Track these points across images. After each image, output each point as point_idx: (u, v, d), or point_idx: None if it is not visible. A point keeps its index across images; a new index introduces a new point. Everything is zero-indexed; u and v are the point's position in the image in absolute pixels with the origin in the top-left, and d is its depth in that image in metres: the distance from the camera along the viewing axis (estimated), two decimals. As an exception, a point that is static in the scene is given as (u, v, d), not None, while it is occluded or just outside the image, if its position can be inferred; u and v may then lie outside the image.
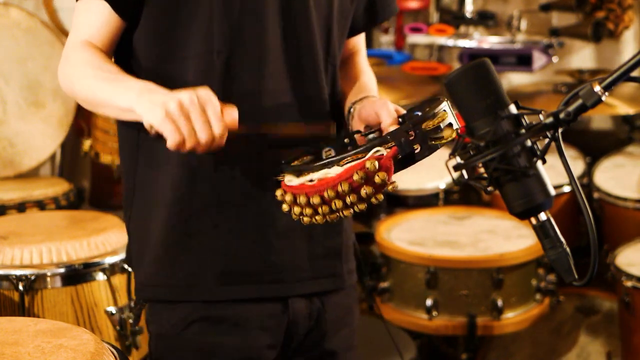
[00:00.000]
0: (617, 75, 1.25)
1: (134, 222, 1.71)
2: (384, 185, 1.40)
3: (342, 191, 1.39)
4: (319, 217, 1.45)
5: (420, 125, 1.41)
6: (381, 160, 1.38)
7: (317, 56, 1.65)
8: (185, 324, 1.66)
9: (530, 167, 1.27)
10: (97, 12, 1.58)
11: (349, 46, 1.83)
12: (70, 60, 1.59)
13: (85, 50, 1.57)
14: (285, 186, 1.48)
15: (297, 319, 1.69)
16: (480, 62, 1.29)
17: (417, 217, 3.12)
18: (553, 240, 1.29)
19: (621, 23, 3.51)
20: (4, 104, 3.31)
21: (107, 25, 1.59)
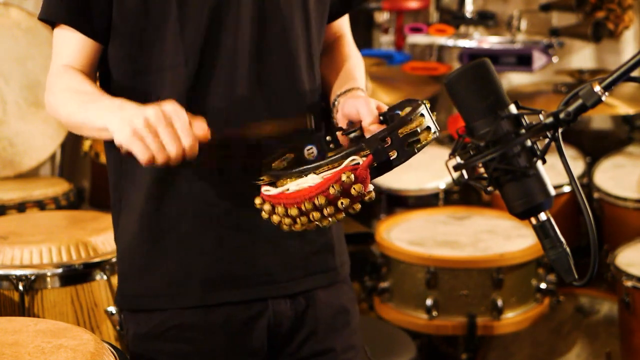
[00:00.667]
0: (617, 75, 1.25)
1: (119, 231, 1.71)
2: (361, 196, 1.40)
3: (319, 204, 1.39)
4: (297, 226, 1.45)
5: (397, 131, 1.40)
6: (357, 171, 1.38)
7: (294, 50, 1.63)
8: (163, 328, 1.64)
9: (530, 167, 1.27)
10: (71, 38, 1.60)
11: (331, 31, 1.79)
12: (52, 89, 1.61)
13: (65, 75, 1.59)
14: (264, 195, 1.48)
15: (280, 320, 1.67)
16: (480, 62, 1.29)
17: (417, 217, 3.12)
18: (553, 240, 1.29)
19: (621, 23, 3.51)
20: (4, 104, 3.31)
21: (84, 50, 1.61)
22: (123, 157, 1.53)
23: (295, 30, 1.63)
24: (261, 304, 1.65)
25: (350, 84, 1.67)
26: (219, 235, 1.62)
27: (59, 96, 1.58)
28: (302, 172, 1.45)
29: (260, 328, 1.66)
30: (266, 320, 1.66)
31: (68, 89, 1.57)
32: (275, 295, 1.66)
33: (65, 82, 1.59)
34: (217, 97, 1.58)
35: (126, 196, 1.67)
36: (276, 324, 1.67)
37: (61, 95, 1.58)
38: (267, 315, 1.66)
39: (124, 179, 1.67)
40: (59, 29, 1.62)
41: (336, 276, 1.74)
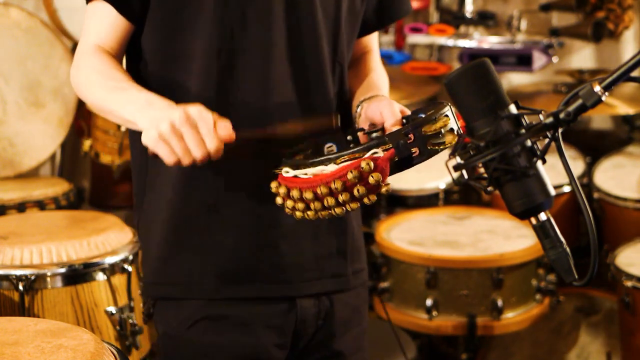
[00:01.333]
0: (617, 75, 1.25)
1: (142, 221, 1.73)
2: (378, 186, 1.40)
3: (335, 189, 1.39)
4: (310, 213, 1.45)
5: (420, 129, 1.40)
6: (377, 161, 1.38)
7: (323, 55, 1.65)
8: (190, 322, 1.66)
9: (530, 167, 1.27)
10: (104, 15, 1.61)
11: (360, 45, 1.83)
12: (80, 66, 1.61)
13: (94, 57, 1.60)
14: (281, 178, 1.49)
15: (305, 317, 1.70)
16: (480, 62, 1.29)
17: (417, 217, 3.12)
18: (553, 240, 1.29)
19: (621, 23, 3.51)
20: (4, 104, 3.31)
21: (115, 29, 1.61)
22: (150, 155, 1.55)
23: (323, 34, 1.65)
24: (290, 301, 1.68)
25: (373, 92, 1.70)
26: (243, 230, 1.64)
27: (88, 76, 1.59)
28: (322, 162, 1.45)
29: (289, 325, 1.68)
30: (294, 316, 1.68)
31: (97, 71, 1.58)
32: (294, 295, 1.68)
33: (94, 63, 1.59)
34: (247, 91, 1.60)
35: (152, 182, 1.69)
36: (302, 321, 1.69)
37: (90, 76, 1.59)
38: (295, 311, 1.68)
39: (151, 166, 1.69)
40: (93, 5, 1.62)
41: (346, 283, 1.74)
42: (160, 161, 1.63)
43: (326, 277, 1.71)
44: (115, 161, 3.36)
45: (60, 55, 3.34)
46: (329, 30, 1.66)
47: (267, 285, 1.66)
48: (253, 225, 1.64)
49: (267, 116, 1.60)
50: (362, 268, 1.80)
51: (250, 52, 1.59)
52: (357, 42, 1.79)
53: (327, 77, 1.66)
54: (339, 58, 1.69)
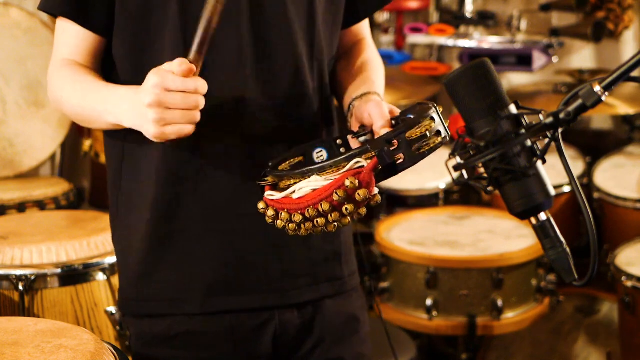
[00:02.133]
0: (617, 75, 1.25)
1: (118, 233, 1.70)
2: (366, 201, 1.38)
3: (323, 210, 1.38)
4: (302, 231, 1.43)
5: (404, 134, 1.37)
6: (360, 175, 1.36)
7: (298, 53, 1.60)
8: (169, 335, 1.63)
9: (530, 167, 1.27)
10: (71, 30, 1.60)
11: (351, 35, 1.77)
12: (53, 81, 1.61)
13: (63, 69, 1.60)
14: (267, 200, 1.46)
15: (285, 329, 1.65)
16: (480, 62, 1.29)
17: (417, 217, 3.12)
18: (553, 240, 1.29)
19: (621, 23, 3.51)
20: (4, 104, 3.31)
21: (84, 42, 1.61)
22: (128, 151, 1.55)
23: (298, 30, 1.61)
24: (268, 312, 1.64)
25: (366, 87, 1.64)
26: (224, 241, 1.61)
27: (62, 90, 1.59)
28: (305, 173, 1.43)
29: (266, 336, 1.65)
30: (272, 328, 1.65)
31: (68, 82, 1.58)
32: (281, 304, 1.64)
33: (64, 74, 1.59)
34: (219, 97, 1.56)
35: (128, 196, 1.66)
36: (282, 332, 1.65)
37: (64, 89, 1.59)
38: (274, 324, 1.64)
39: (126, 178, 1.66)
40: (59, 21, 1.62)
41: (343, 286, 1.71)
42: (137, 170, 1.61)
43: (320, 282, 1.67)
44: (115, 161, 3.36)
45: (60, 55, 3.34)
46: (304, 26, 1.61)
47: (247, 297, 1.63)
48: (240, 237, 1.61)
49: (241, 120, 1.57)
50: (355, 270, 1.76)
51: (219, 58, 1.56)
52: (347, 31, 1.74)
53: (304, 74, 1.61)
54: (316, 54, 1.63)
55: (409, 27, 3.79)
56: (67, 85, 1.58)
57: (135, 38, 1.58)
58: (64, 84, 1.59)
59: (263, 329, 1.64)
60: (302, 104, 1.62)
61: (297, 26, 1.60)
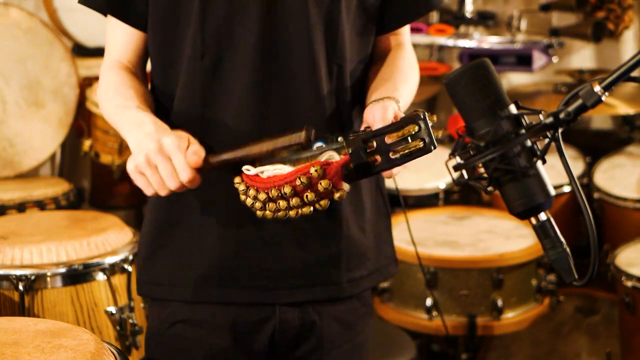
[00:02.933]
0: (617, 75, 1.25)
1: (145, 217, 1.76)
2: (329, 192, 1.39)
3: (284, 193, 1.40)
4: (267, 213, 1.45)
5: (384, 137, 1.36)
6: (327, 167, 1.37)
7: (315, 56, 1.59)
8: (170, 322, 1.67)
9: (530, 167, 1.27)
10: (118, 28, 1.65)
11: (387, 41, 1.75)
12: (101, 82, 1.66)
13: (112, 72, 1.64)
14: (243, 174, 1.48)
15: (285, 327, 1.66)
16: (480, 62, 1.29)
17: (417, 217, 3.12)
18: (553, 240, 1.29)
19: (621, 23, 3.51)
20: (4, 104, 3.31)
21: (131, 40, 1.65)
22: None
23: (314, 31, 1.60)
24: (269, 308, 1.65)
25: (386, 92, 1.61)
26: (220, 235, 1.63)
27: (104, 93, 1.64)
28: (281, 160, 1.45)
29: (265, 333, 1.65)
30: (272, 326, 1.65)
31: (112, 88, 1.62)
32: (276, 301, 1.65)
33: (111, 79, 1.64)
34: (233, 95, 1.57)
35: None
36: (281, 331, 1.66)
37: (106, 93, 1.64)
38: (273, 321, 1.65)
39: None
40: (108, 18, 1.66)
41: (339, 291, 1.68)
42: None
43: (314, 285, 1.66)
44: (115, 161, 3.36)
45: (60, 55, 3.34)
46: (323, 28, 1.60)
47: (247, 291, 1.64)
48: (236, 230, 1.62)
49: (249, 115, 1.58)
50: (361, 276, 1.72)
51: (234, 55, 1.57)
52: (383, 37, 1.73)
53: (319, 76, 1.60)
54: (337, 59, 1.63)
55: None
56: (109, 93, 1.63)
57: (163, 34, 1.62)
58: (107, 89, 1.64)
59: (263, 326, 1.65)
60: (315, 104, 1.61)
61: (315, 27, 1.59)
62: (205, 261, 1.64)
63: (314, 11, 1.59)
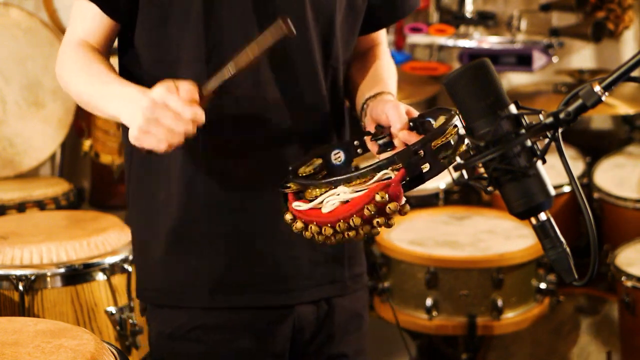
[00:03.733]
0: (617, 75, 1.25)
1: (134, 227, 1.72)
2: (396, 212, 1.38)
3: (354, 225, 1.38)
4: (331, 241, 1.43)
5: (430, 144, 1.37)
6: (389, 188, 1.36)
7: (313, 58, 1.62)
8: (187, 328, 1.65)
9: (530, 167, 1.27)
10: (90, 12, 1.60)
11: (367, 40, 1.79)
12: (64, 59, 1.61)
13: (79, 49, 1.60)
14: (295, 211, 1.46)
15: (303, 325, 1.68)
16: (480, 62, 1.29)
17: (417, 217, 3.12)
18: (553, 240, 1.29)
19: (621, 23, 3.51)
20: (4, 104, 3.31)
21: (101, 26, 1.61)
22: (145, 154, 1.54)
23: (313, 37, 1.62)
24: (286, 309, 1.66)
25: (379, 87, 1.66)
26: (232, 239, 1.63)
27: (71, 70, 1.60)
28: (331, 183, 1.42)
29: (284, 332, 1.67)
30: (291, 324, 1.67)
31: (81, 65, 1.58)
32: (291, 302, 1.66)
33: (79, 56, 1.59)
34: (237, 96, 1.58)
35: (147, 190, 1.68)
36: (300, 328, 1.68)
37: (73, 70, 1.59)
38: (292, 319, 1.67)
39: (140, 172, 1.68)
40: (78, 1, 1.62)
41: (344, 289, 1.73)
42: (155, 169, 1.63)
43: (323, 284, 1.69)
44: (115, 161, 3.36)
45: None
46: (321, 33, 1.63)
47: (262, 295, 1.64)
48: (248, 235, 1.63)
49: (256, 121, 1.59)
50: (361, 272, 1.78)
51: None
52: (364, 37, 1.76)
53: (319, 79, 1.63)
54: (332, 62, 1.65)
55: (409, 27, 3.79)
56: (79, 69, 1.59)
57: (158, 30, 1.59)
58: (75, 67, 1.59)
59: (281, 326, 1.66)
60: (316, 108, 1.64)
61: (314, 33, 1.62)
62: (218, 266, 1.63)
63: (310, 15, 1.61)
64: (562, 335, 3.15)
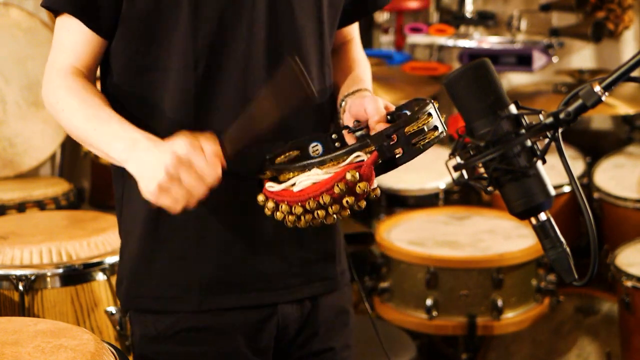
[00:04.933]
0: (617, 75, 1.25)
1: (121, 228, 1.70)
2: (366, 193, 1.39)
3: (324, 203, 1.39)
4: (301, 223, 1.44)
5: (403, 129, 1.39)
6: (361, 169, 1.37)
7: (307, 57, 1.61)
8: (172, 332, 1.63)
9: (530, 167, 1.27)
10: (75, 31, 1.55)
11: (341, 35, 1.78)
12: (54, 88, 1.56)
13: (70, 78, 1.55)
14: (267, 192, 1.47)
15: (287, 323, 1.68)
16: (480, 62, 1.29)
17: (417, 217, 3.12)
18: (553, 240, 1.29)
19: (621, 23, 3.51)
20: (4, 104, 3.31)
21: (88, 45, 1.56)
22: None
23: (308, 35, 1.62)
24: (270, 307, 1.66)
25: (356, 85, 1.66)
26: (219, 240, 1.61)
27: (63, 102, 1.54)
28: (305, 167, 1.44)
29: (269, 330, 1.66)
30: (275, 322, 1.67)
31: (74, 96, 1.53)
32: (276, 301, 1.66)
33: (71, 85, 1.54)
34: (227, 101, 1.56)
35: (129, 193, 1.65)
36: (284, 326, 1.68)
37: (65, 102, 1.54)
38: (276, 317, 1.66)
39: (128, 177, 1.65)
40: (63, 19, 1.57)
41: (335, 285, 1.73)
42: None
43: (313, 281, 1.69)
44: (115, 161, 3.36)
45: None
46: (313, 33, 1.62)
47: (251, 294, 1.63)
48: (235, 235, 1.61)
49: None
50: (345, 268, 1.78)
51: (231, 62, 1.55)
52: (339, 31, 1.75)
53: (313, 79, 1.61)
54: (326, 60, 1.65)
55: (409, 27, 3.79)
56: (72, 102, 1.53)
57: (142, 41, 1.55)
58: (67, 98, 1.54)
59: (267, 323, 1.66)
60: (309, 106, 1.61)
61: (306, 32, 1.61)
62: (206, 269, 1.62)
63: (300, 14, 1.60)
64: (562, 335, 3.15)
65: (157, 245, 1.62)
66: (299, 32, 1.60)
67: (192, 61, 1.54)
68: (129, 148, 1.45)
